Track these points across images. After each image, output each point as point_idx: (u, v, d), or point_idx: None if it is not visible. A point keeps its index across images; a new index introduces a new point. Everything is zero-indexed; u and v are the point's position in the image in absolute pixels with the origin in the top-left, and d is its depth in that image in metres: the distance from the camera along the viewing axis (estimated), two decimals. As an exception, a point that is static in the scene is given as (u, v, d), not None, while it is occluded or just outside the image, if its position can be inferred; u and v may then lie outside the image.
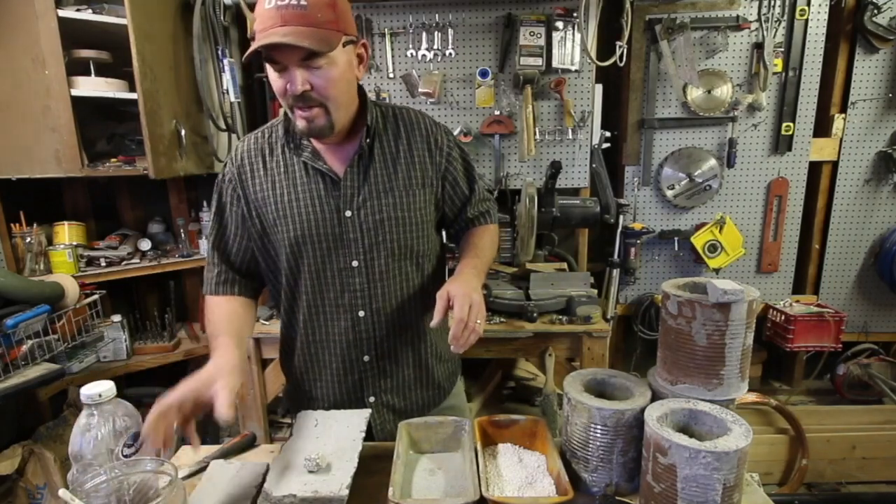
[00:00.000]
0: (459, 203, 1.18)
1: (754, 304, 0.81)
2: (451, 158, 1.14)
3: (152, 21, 1.92)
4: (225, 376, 0.89)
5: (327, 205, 1.05)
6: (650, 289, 2.56)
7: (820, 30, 2.30)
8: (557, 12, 2.24)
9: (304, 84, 0.93)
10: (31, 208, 2.06)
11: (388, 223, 1.06)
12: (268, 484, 0.84)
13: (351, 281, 1.08)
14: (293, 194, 1.05)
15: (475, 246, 1.16)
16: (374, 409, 1.15)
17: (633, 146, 2.44)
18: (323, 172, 1.05)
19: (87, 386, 0.76)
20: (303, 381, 1.18)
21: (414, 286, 1.13)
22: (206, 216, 2.48)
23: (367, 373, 1.14)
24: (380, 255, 1.07)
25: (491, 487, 0.83)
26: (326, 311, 1.10)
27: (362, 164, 1.06)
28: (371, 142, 1.07)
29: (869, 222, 2.48)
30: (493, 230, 1.23)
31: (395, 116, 1.12)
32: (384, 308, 1.10)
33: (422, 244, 1.11)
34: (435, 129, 1.13)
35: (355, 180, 1.05)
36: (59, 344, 1.84)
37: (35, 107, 1.85)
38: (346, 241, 1.06)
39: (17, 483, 1.86)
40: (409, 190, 1.08)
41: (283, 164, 1.07)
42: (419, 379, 1.19)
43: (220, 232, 1.13)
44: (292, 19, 0.89)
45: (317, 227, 1.05)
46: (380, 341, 1.12)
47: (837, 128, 2.40)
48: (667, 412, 0.80)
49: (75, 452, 0.75)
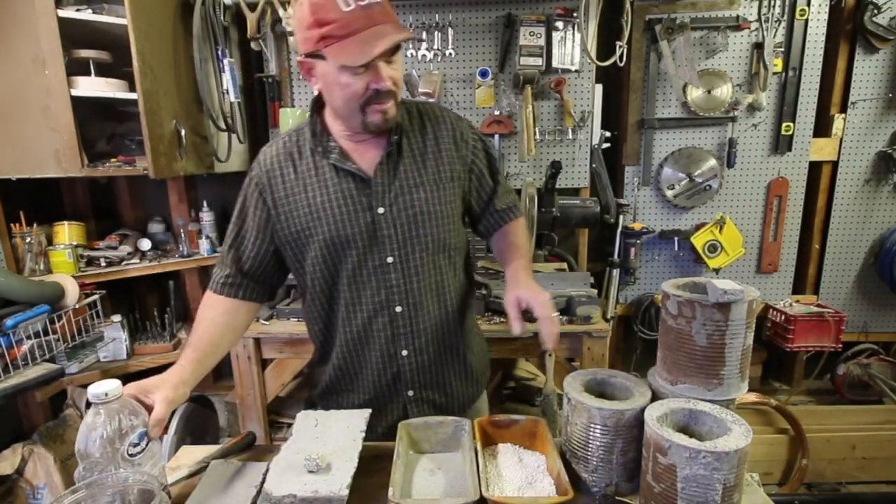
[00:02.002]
0: (486, 196, 1.19)
1: (754, 304, 0.81)
2: (475, 151, 1.16)
3: (152, 21, 1.92)
4: (166, 390, 0.89)
5: (359, 203, 1.06)
6: (650, 289, 2.56)
7: (820, 30, 2.30)
8: (557, 12, 2.24)
9: (389, 78, 0.96)
10: (31, 208, 2.06)
11: (421, 218, 1.07)
12: (268, 484, 0.84)
13: (387, 277, 1.08)
14: (325, 196, 1.06)
15: (515, 245, 1.18)
16: (412, 403, 1.16)
17: (633, 146, 2.44)
18: (352, 173, 1.05)
19: (93, 385, 0.77)
20: (340, 380, 1.18)
21: (447, 280, 1.14)
22: (205, 216, 2.48)
23: (405, 367, 1.14)
24: (414, 249, 1.08)
25: (491, 487, 0.83)
26: (364, 309, 1.11)
27: (391, 161, 1.07)
28: (399, 139, 1.08)
29: (869, 222, 2.48)
30: (523, 224, 1.25)
31: (420, 113, 1.13)
32: (421, 303, 1.11)
33: (453, 237, 1.13)
34: (459, 124, 1.15)
35: (386, 177, 1.06)
36: (59, 344, 1.84)
37: (35, 107, 1.85)
38: (380, 238, 1.07)
39: (17, 483, 1.86)
40: (439, 184, 1.09)
41: (312, 167, 1.08)
42: (459, 373, 1.19)
43: (239, 235, 1.13)
44: (381, 17, 0.91)
45: (350, 227, 1.06)
46: (417, 335, 1.12)
47: (837, 128, 2.40)
48: (667, 412, 0.80)
49: (81, 451, 0.75)
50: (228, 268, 1.12)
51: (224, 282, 1.12)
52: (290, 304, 2.09)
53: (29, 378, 1.68)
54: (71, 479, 1.30)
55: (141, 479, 0.75)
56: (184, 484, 0.96)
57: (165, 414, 0.85)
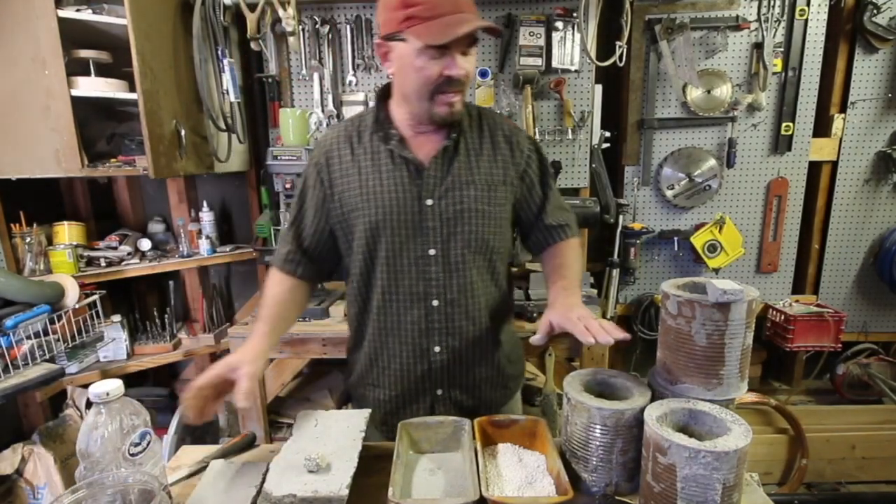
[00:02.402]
0: (536, 207, 1.19)
1: (754, 304, 0.81)
2: (529, 160, 1.17)
3: (152, 21, 1.92)
4: (247, 364, 0.95)
5: (409, 192, 1.07)
6: (650, 289, 2.56)
7: (819, 30, 2.30)
8: (557, 12, 2.24)
9: (463, 67, 0.98)
10: (31, 208, 2.06)
11: (468, 214, 1.08)
12: (268, 484, 0.84)
13: (427, 269, 1.09)
14: (377, 180, 1.08)
15: (562, 266, 1.17)
16: (439, 402, 1.16)
17: (632, 146, 2.44)
18: (408, 160, 1.08)
19: (95, 384, 0.77)
20: (370, 369, 1.19)
21: (487, 282, 1.15)
22: (205, 216, 2.49)
23: (436, 364, 1.14)
24: (457, 245, 1.09)
25: (491, 487, 0.83)
26: (400, 299, 1.12)
27: (447, 155, 1.09)
28: (457, 136, 1.10)
29: (868, 222, 2.48)
30: (573, 245, 1.22)
31: (480, 115, 1.16)
32: (458, 299, 1.11)
33: (497, 240, 1.13)
34: (517, 131, 1.17)
35: (439, 170, 1.08)
36: (59, 344, 1.84)
37: (35, 107, 1.85)
38: (424, 230, 1.08)
39: (17, 483, 1.86)
40: (491, 185, 1.10)
41: (370, 150, 1.10)
42: (489, 378, 1.19)
43: (300, 213, 1.17)
44: (466, 6, 0.95)
45: (397, 213, 1.07)
46: (452, 332, 1.13)
47: (837, 128, 2.40)
48: (666, 412, 0.80)
49: (83, 450, 0.76)
50: (289, 245, 1.18)
51: (285, 258, 1.17)
52: (290, 304, 2.08)
53: (29, 378, 1.68)
54: (71, 478, 1.31)
55: (141, 479, 0.75)
56: (184, 484, 0.96)
57: (252, 387, 0.92)
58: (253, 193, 2.61)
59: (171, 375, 2.90)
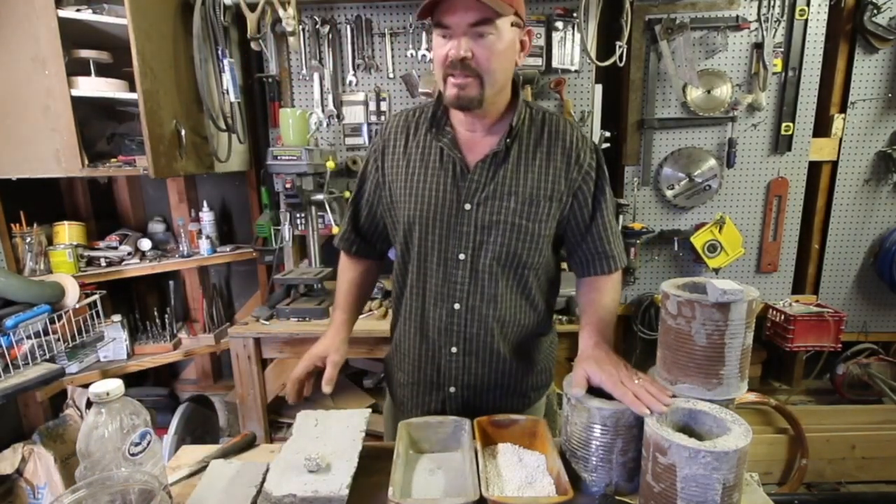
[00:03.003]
0: (582, 228, 1.12)
1: (754, 304, 0.81)
2: (587, 178, 1.09)
3: (152, 21, 1.92)
4: (333, 353, 1.12)
5: (451, 193, 1.06)
6: (650, 289, 2.56)
7: (820, 30, 2.30)
8: (557, 12, 2.24)
9: (466, 50, 0.95)
10: (31, 208, 2.06)
11: (503, 226, 1.06)
12: (268, 484, 0.84)
13: (454, 273, 1.09)
14: (423, 176, 1.08)
15: (595, 304, 1.11)
16: (451, 400, 1.16)
17: (632, 146, 2.44)
18: (455, 161, 1.06)
19: (95, 384, 0.77)
20: (396, 351, 1.23)
21: (514, 295, 1.11)
22: (205, 216, 2.49)
23: (451, 363, 1.14)
24: (486, 254, 1.07)
25: (491, 487, 0.83)
26: (426, 297, 1.12)
27: (495, 161, 1.06)
28: (511, 142, 1.06)
29: (868, 222, 2.48)
30: (614, 280, 1.15)
31: (544, 121, 1.10)
32: (480, 308, 1.10)
33: (531, 256, 1.09)
34: (581, 144, 1.09)
35: (483, 176, 1.06)
36: (59, 344, 1.84)
37: (35, 107, 1.85)
38: (458, 233, 1.07)
39: (17, 483, 1.86)
40: (534, 199, 1.06)
41: (422, 144, 1.10)
42: (505, 386, 1.18)
43: (358, 195, 1.23)
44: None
45: (434, 213, 1.07)
46: (469, 337, 1.12)
47: (837, 128, 2.40)
48: (666, 412, 0.80)
49: (83, 450, 0.76)
50: (347, 225, 1.26)
51: (343, 237, 1.26)
52: (290, 304, 2.09)
53: (29, 378, 1.68)
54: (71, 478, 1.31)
55: (142, 479, 0.75)
56: (184, 484, 0.96)
57: (335, 375, 1.08)
58: (253, 193, 2.61)
59: (171, 375, 2.91)
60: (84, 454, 0.76)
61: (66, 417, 2.04)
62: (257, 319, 2.00)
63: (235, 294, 2.83)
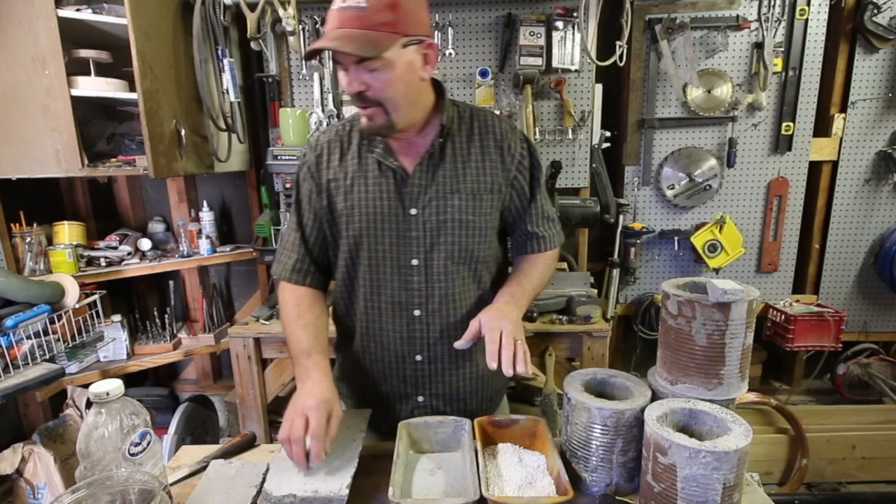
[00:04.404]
0: (521, 213, 1.15)
1: (754, 304, 0.81)
2: (521, 167, 1.12)
3: (152, 21, 1.92)
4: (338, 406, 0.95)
5: (394, 201, 1.06)
6: (650, 289, 2.56)
7: (820, 29, 2.30)
8: (557, 12, 2.23)
9: (360, 85, 0.95)
10: (31, 208, 2.06)
11: (451, 224, 1.06)
12: (268, 484, 0.84)
13: (409, 279, 1.08)
14: (363, 187, 1.07)
15: (521, 272, 1.14)
16: (421, 409, 1.15)
17: (633, 146, 2.44)
18: (393, 169, 1.06)
19: (95, 384, 0.77)
20: (354, 370, 1.19)
21: (471, 291, 1.12)
22: (205, 216, 2.49)
23: (418, 372, 1.13)
24: (439, 255, 1.07)
25: (491, 487, 0.83)
26: (383, 307, 1.11)
27: (432, 162, 1.06)
28: (444, 141, 1.07)
29: (869, 222, 2.48)
30: (547, 257, 1.17)
31: (472, 117, 1.11)
32: (440, 310, 1.10)
33: (482, 250, 1.10)
34: (510, 135, 1.11)
35: (424, 179, 1.06)
36: (59, 344, 1.84)
37: (35, 107, 1.85)
38: (407, 239, 1.07)
39: (17, 483, 1.86)
40: (477, 194, 1.07)
41: (357, 157, 1.09)
42: (474, 390, 1.17)
43: (300, 219, 1.14)
44: (348, 22, 0.90)
45: (381, 222, 1.06)
46: (433, 343, 1.11)
47: (837, 127, 2.40)
48: (667, 412, 0.80)
49: (83, 450, 0.76)
50: (296, 252, 1.14)
51: (294, 267, 1.13)
52: (290, 303, 2.08)
53: (29, 378, 1.68)
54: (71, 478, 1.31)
55: (141, 479, 0.75)
56: (184, 484, 0.96)
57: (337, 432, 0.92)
58: (253, 193, 2.61)
59: (171, 375, 2.91)
60: (84, 454, 0.76)
61: (66, 417, 2.04)
62: (257, 319, 2.00)
63: (235, 294, 2.83)
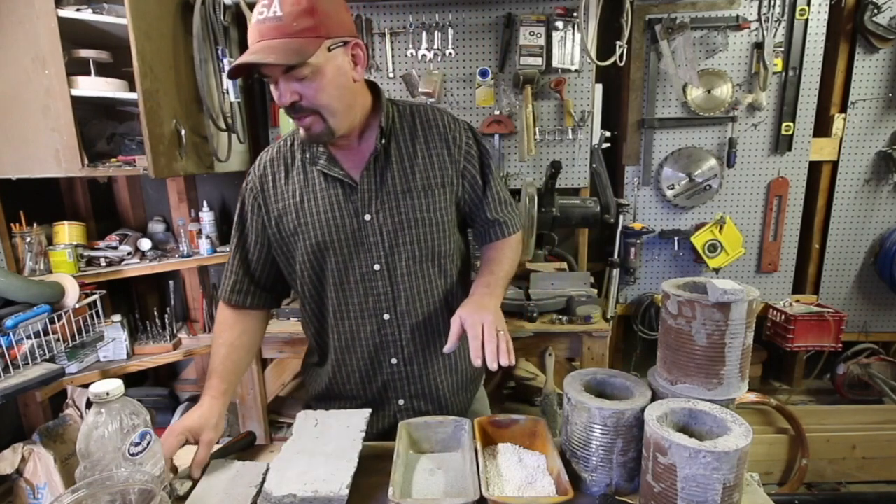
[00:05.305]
0: (477, 202, 1.14)
1: (754, 304, 0.81)
2: (469, 156, 1.11)
3: (152, 21, 1.92)
4: (209, 431, 0.98)
5: (346, 210, 1.05)
6: (650, 289, 2.56)
7: (820, 29, 2.30)
8: (557, 12, 2.24)
9: (291, 95, 0.94)
10: (31, 208, 2.06)
11: (408, 225, 1.06)
12: (268, 484, 0.84)
13: (374, 285, 1.08)
14: (313, 202, 1.05)
15: (491, 261, 1.14)
16: (403, 412, 1.15)
17: (633, 146, 2.44)
18: (340, 179, 1.05)
19: (95, 384, 0.77)
20: (333, 383, 1.18)
21: (438, 288, 1.12)
22: (205, 216, 2.48)
23: (394, 375, 1.13)
24: (401, 257, 1.07)
25: (491, 487, 0.83)
26: (352, 316, 1.10)
27: (378, 165, 1.05)
28: (387, 142, 1.05)
29: (869, 222, 2.48)
30: (512, 242, 1.18)
31: (413, 114, 1.10)
32: (409, 311, 1.09)
33: (443, 245, 1.10)
34: (454, 126, 1.10)
35: (372, 183, 1.05)
36: (59, 344, 1.84)
37: (35, 107, 1.85)
38: (366, 245, 1.06)
39: (17, 483, 1.86)
40: (428, 190, 1.06)
41: (303, 173, 1.07)
42: (451, 384, 1.17)
43: (242, 240, 1.14)
44: (268, 33, 0.89)
45: (337, 233, 1.05)
46: (406, 344, 1.11)
47: (837, 127, 2.40)
48: (667, 412, 0.80)
49: (82, 450, 0.76)
50: (235, 274, 1.14)
51: (233, 289, 1.14)
52: (290, 303, 2.09)
53: (29, 378, 1.67)
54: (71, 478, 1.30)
55: (141, 479, 0.75)
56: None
57: (206, 458, 0.95)
58: (253, 193, 2.61)
59: (171, 375, 2.90)
60: (84, 454, 0.76)
61: (66, 417, 2.03)
62: (257, 319, 2.00)
63: (235, 294, 2.82)
